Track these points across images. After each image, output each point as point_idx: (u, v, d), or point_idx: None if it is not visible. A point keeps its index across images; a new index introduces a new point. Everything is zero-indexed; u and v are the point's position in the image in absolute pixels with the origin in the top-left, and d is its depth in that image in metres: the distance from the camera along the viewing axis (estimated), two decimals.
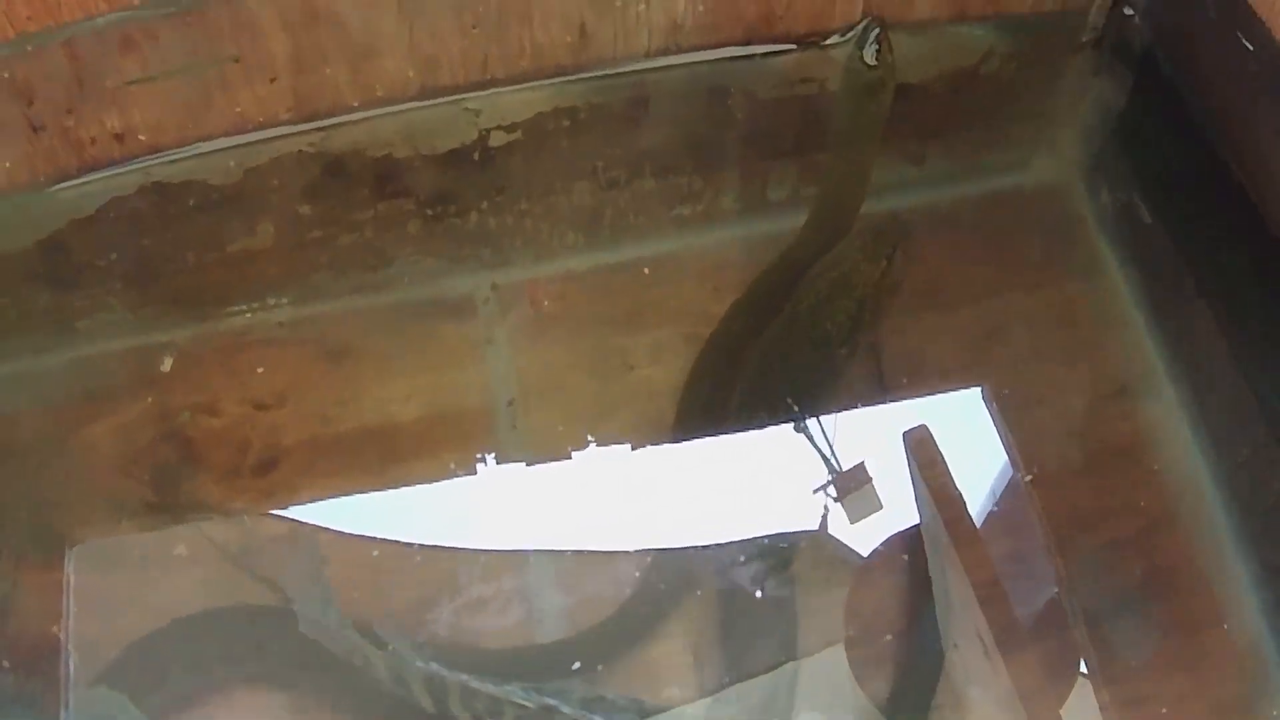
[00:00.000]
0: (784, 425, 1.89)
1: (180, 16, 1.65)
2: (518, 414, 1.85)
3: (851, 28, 1.88)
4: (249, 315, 1.90)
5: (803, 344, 1.89)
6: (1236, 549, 1.75)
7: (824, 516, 1.84)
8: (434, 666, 1.72)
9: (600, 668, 1.73)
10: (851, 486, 1.87)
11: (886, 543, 1.80)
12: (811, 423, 1.89)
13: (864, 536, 1.83)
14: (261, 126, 1.82)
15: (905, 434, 1.77)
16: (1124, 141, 2.00)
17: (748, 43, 1.88)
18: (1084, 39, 1.97)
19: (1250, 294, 1.77)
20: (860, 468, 1.87)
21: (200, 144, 1.82)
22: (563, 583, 1.79)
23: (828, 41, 1.90)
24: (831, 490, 1.87)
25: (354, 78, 1.80)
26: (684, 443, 1.87)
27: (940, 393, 1.90)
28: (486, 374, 1.89)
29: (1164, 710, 1.66)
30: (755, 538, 1.84)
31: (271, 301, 1.89)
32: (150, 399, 1.84)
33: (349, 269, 1.94)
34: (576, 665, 1.73)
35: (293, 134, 1.84)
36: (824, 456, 1.88)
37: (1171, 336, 1.89)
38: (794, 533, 1.83)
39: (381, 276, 1.93)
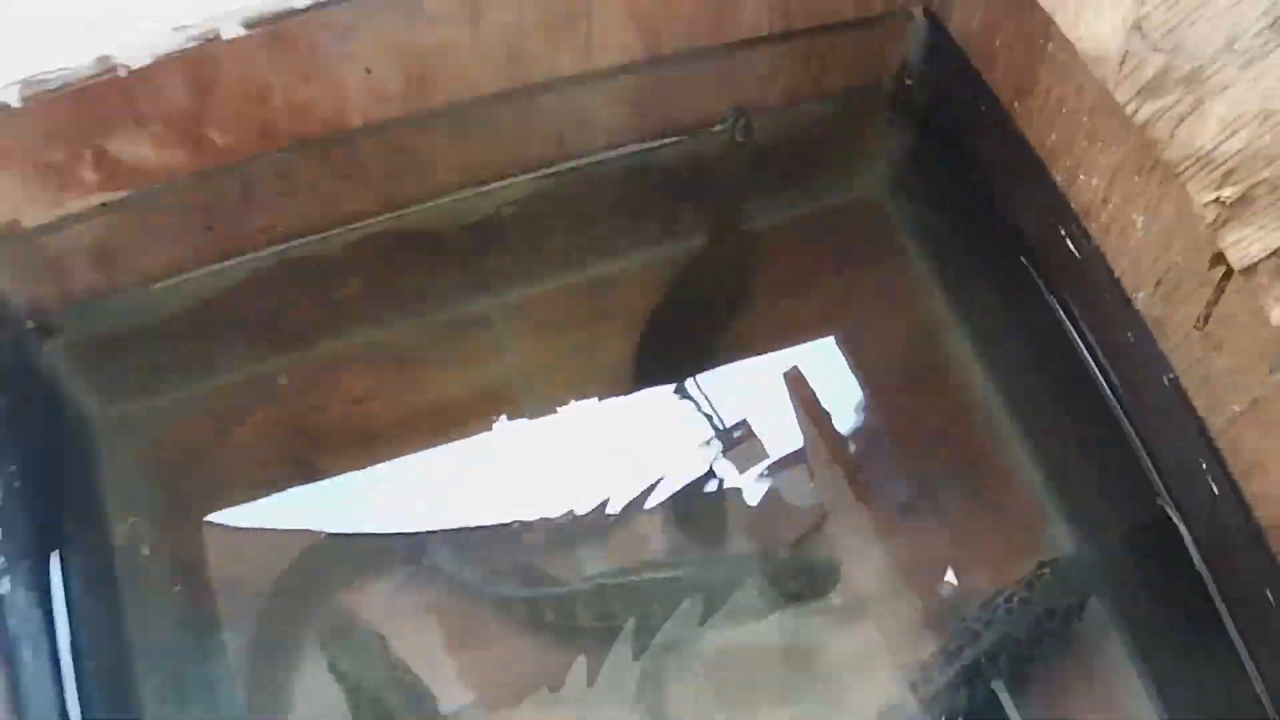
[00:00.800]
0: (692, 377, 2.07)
1: (313, 154, 1.82)
2: (526, 388, 2.06)
3: (724, 120, 2.10)
4: (340, 343, 2.10)
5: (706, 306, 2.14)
6: (1019, 441, 2.03)
7: (711, 467, 2.02)
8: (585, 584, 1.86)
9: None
10: (735, 441, 2.03)
11: (782, 459, 2.01)
12: (702, 384, 2.06)
13: (754, 476, 1.99)
14: (359, 219, 2.01)
15: (784, 375, 2.09)
16: (915, 169, 2.22)
17: (662, 136, 2.09)
18: (881, 100, 2.17)
19: (1008, 264, 1.95)
20: (743, 423, 2.05)
21: (321, 234, 1.99)
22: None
23: (715, 129, 2.12)
24: (718, 443, 2.03)
25: (419, 182, 2.00)
26: (644, 390, 2.06)
27: (805, 343, 2.13)
28: (506, 364, 2.12)
29: (972, 544, 1.96)
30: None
31: (355, 330, 2.11)
32: (278, 406, 2.05)
33: (408, 302, 2.12)
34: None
35: (377, 222, 2.03)
36: (710, 417, 2.03)
37: (961, 298, 2.14)
38: (692, 482, 2.00)
39: (429, 304, 2.13)
